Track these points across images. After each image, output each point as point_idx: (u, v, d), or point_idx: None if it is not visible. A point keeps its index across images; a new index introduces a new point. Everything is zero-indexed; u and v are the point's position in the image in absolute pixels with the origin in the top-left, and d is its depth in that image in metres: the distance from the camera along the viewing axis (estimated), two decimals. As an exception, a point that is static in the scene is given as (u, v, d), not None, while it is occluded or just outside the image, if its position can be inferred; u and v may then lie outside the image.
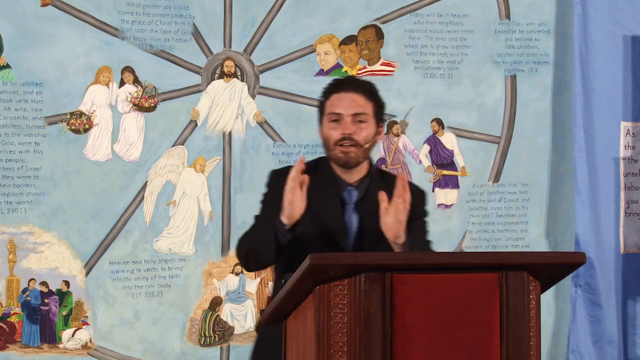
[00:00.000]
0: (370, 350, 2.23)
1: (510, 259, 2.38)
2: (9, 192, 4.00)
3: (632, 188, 4.75)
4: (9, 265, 4.00)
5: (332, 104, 2.83)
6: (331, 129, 2.81)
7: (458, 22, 4.59)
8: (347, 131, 2.79)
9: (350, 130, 2.80)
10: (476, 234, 4.63)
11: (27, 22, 4.01)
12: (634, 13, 4.73)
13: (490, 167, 4.66)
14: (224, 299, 4.31)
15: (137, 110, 4.19)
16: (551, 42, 4.71)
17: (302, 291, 2.31)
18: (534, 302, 2.35)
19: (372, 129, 2.84)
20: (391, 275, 2.25)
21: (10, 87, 4.00)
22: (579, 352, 4.62)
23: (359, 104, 2.83)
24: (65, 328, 4.09)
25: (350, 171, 2.85)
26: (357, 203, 2.85)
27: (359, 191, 2.86)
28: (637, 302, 4.74)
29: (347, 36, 4.46)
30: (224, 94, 4.32)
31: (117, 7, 4.14)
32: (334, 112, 2.82)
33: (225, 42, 4.32)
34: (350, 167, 2.84)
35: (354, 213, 2.84)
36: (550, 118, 4.71)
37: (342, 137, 2.79)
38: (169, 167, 4.24)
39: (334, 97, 2.84)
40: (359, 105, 2.82)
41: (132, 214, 4.18)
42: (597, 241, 4.65)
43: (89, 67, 4.10)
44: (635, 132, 4.74)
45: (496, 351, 2.31)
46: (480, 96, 4.62)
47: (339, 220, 2.82)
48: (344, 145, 2.79)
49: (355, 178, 2.86)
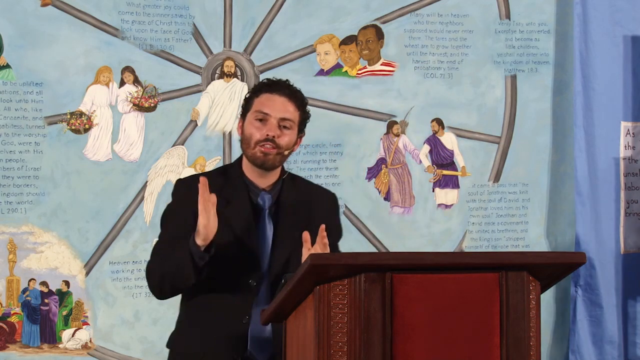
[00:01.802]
0: (370, 350, 2.23)
1: (510, 259, 2.38)
2: (9, 192, 4.00)
3: (632, 188, 4.75)
4: (9, 265, 4.00)
5: (262, 103, 2.79)
6: (255, 127, 2.77)
7: (458, 22, 4.59)
8: (271, 133, 2.76)
9: (275, 133, 2.76)
10: (476, 234, 4.63)
11: (27, 22, 4.01)
12: (634, 13, 4.72)
13: (490, 167, 4.66)
14: (224, 299, 4.31)
15: (137, 110, 4.19)
16: (551, 42, 4.71)
17: (302, 291, 2.31)
18: (534, 302, 2.35)
19: (294, 137, 2.82)
20: (391, 275, 2.25)
21: (10, 87, 4.00)
22: (579, 352, 4.62)
23: (289, 109, 2.80)
24: (65, 328, 4.09)
25: (265, 175, 2.81)
26: (270, 208, 2.81)
27: (272, 195, 2.83)
28: (637, 302, 4.73)
29: (347, 36, 4.46)
30: (224, 94, 4.32)
31: (117, 7, 4.14)
32: (262, 111, 2.78)
33: (225, 42, 4.32)
34: (265, 169, 2.80)
35: (268, 218, 2.81)
36: (550, 118, 4.71)
37: (265, 138, 2.76)
38: (169, 167, 4.24)
39: (264, 96, 2.80)
40: (288, 111, 2.80)
41: (132, 214, 4.18)
42: (597, 241, 4.65)
43: (89, 67, 4.10)
44: (635, 132, 4.74)
45: (496, 351, 2.31)
46: (480, 96, 4.62)
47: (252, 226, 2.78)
48: (265, 147, 2.76)
49: (268, 182, 2.83)
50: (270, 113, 2.78)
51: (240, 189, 2.80)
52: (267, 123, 2.78)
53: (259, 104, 2.80)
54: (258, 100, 2.81)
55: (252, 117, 2.80)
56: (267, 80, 2.88)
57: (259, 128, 2.78)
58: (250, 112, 2.81)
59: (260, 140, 2.77)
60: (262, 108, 2.79)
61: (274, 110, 2.78)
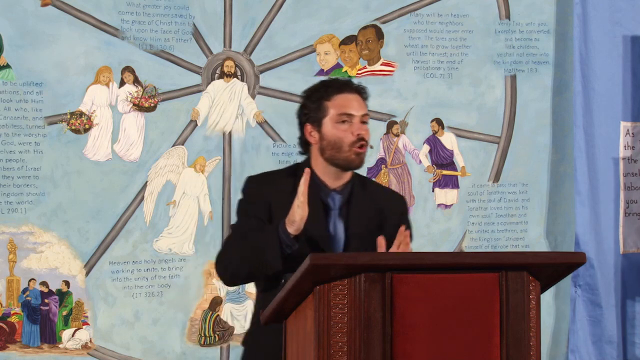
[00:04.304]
0: (370, 350, 2.23)
1: (510, 259, 2.38)
2: (9, 192, 4.00)
3: (632, 188, 4.75)
4: (9, 265, 4.00)
5: (341, 105, 2.78)
6: (342, 130, 2.77)
7: (458, 22, 4.59)
8: (362, 132, 2.77)
9: (363, 131, 2.78)
10: (476, 234, 4.63)
11: (27, 22, 4.01)
12: (634, 13, 4.73)
13: (490, 167, 4.66)
14: (224, 299, 4.31)
15: (137, 110, 4.19)
16: (551, 42, 4.71)
17: (302, 291, 2.31)
18: (534, 302, 2.35)
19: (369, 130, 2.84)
20: (391, 275, 2.25)
21: (10, 87, 4.00)
22: (579, 352, 4.62)
23: (363, 105, 2.81)
24: (65, 328, 4.09)
25: (340, 176, 2.82)
26: (341, 208, 2.81)
27: (342, 196, 2.82)
28: (636, 302, 4.74)
29: (347, 36, 4.46)
30: (224, 94, 4.32)
31: (117, 7, 4.14)
32: (345, 112, 2.77)
33: (225, 42, 4.32)
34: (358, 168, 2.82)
35: (339, 219, 2.81)
36: (550, 118, 4.71)
37: (358, 139, 2.76)
38: (169, 167, 4.24)
39: (339, 97, 2.79)
40: (364, 107, 2.81)
41: (132, 214, 4.18)
42: (597, 241, 4.66)
43: (89, 67, 4.11)
44: (635, 132, 4.74)
45: (496, 351, 2.31)
46: (480, 96, 4.62)
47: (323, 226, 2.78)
48: (360, 147, 2.76)
49: (340, 183, 2.83)
50: (354, 113, 2.78)
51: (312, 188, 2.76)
52: (352, 123, 2.77)
53: (338, 106, 2.79)
54: (333, 103, 2.79)
55: (333, 120, 2.78)
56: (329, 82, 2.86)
57: (346, 130, 2.77)
58: (328, 116, 2.79)
59: (353, 141, 2.76)
60: (344, 110, 2.78)
61: (355, 109, 2.78)
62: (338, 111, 2.78)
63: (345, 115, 2.77)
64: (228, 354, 4.32)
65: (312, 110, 2.82)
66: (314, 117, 2.81)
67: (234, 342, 4.31)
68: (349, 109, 2.78)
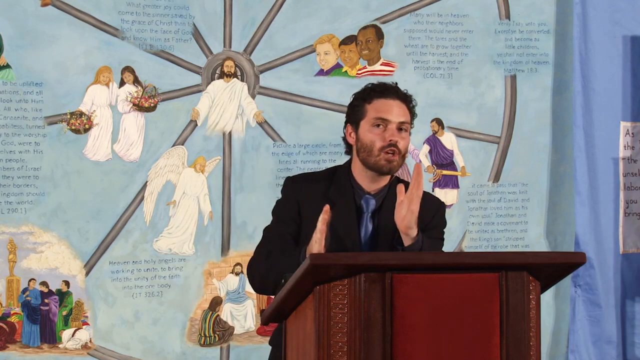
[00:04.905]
0: (370, 350, 2.23)
1: (510, 259, 2.38)
2: (9, 192, 4.00)
3: (632, 188, 4.75)
4: (9, 265, 4.00)
5: (378, 109, 2.80)
6: (375, 134, 2.78)
7: (458, 22, 4.59)
8: (394, 138, 2.77)
9: (397, 138, 2.78)
10: (476, 234, 4.63)
11: (27, 22, 4.01)
12: (634, 13, 4.73)
13: (490, 167, 4.66)
14: (224, 299, 4.31)
15: (137, 110, 4.19)
16: (551, 42, 4.71)
17: (302, 291, 2.32)
18: (534, 302, 2.35)
19: (409, 139, 2.85)
20: (391, 275, 2.25)
21: (10, 87, 4.00)
22: (579, 352, 4.62)
23: (404, 113, 2.82)
24: (65, 328, 4.09)
25: (376, 180, 2.83)
26: (373, 212, 2.83)
27: (376, 200, 2.84)
28: (636, 302, 4.74)
29: (347, 36, 4.46)
30: (224, 94, 4.32)
31: (117, 7, 4.14)
32: (381, 117, 2.78)
33: (225, 42, 4.32)
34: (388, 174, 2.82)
35: (370, 222, 2.83)
36: (550, 118, 4.71)
37: (389, 144, 2.77)
38: (169, 167, 4.24)
39: (379, 102, 2.81)
40: (404, 115, 2.82)
41: (132, 214, 4.18)
42: (597, 241, 4.66)
43: (89, 67, 4.11)
44: (634, 132, 4.74)
45: (496, 351, 2.31)
46: (480, 96, 4.62)
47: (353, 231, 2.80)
48: (389, 153, 2.77)
49: (377, 187, 2.85)
50: (389, 118, 2.79)
51: (346, 191, 2.82)
52: (386, 129, 2.78)
53: (375, 110, 2.80)
54: (372, 107, 2.81)
55: (369, 123, 2.80)
56: (376, 85, 2.88)
57: (379, 134, 2.79)
58: (365, 119, 2.81)
59: (384, 146, 2.77)
60: (380, 114, 2.79)
61: (392, 115, 2.79)
62: (375, 115, 2.80)
63: (380, 120, 2.79)
64: (228, 354, 4.32)
65: (354, 111, 2.85)
66: (354, 118, 2.84)
67: (234, 342, 4.32)
68: (385, 114, 2.79)
